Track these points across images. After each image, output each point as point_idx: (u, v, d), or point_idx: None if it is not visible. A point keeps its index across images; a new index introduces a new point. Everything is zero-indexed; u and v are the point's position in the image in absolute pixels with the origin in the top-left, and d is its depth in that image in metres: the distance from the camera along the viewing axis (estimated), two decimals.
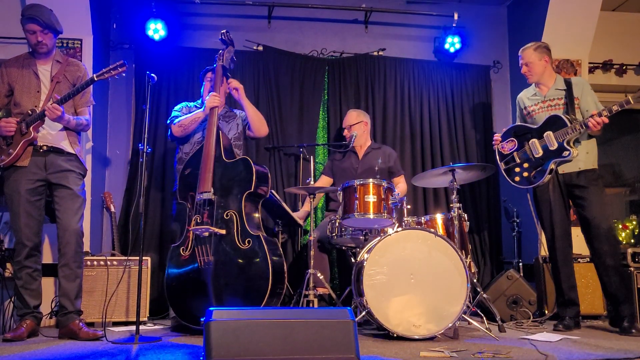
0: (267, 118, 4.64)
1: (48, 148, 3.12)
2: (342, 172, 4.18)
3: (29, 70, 3.19)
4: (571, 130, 3.30)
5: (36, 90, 3.15)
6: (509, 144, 3.60)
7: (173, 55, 4.62)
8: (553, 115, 3.42)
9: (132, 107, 4.62)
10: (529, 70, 3.62)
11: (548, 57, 3.59)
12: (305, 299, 3.38)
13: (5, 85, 3.18)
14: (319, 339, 2.09)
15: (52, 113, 3.00)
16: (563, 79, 3.56)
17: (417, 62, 4.97)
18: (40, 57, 3.22)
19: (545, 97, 3.57)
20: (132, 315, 3.56)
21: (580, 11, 4.57)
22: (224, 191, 3.23)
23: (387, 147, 4.40)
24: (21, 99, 3.14)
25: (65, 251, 3.08)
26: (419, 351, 2.56)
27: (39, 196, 3.11)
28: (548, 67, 3.59)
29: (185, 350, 2.59)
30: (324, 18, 4.95)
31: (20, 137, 3.05)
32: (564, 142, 3.33)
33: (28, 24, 3.11)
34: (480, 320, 3.17)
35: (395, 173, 4.17)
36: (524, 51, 3.65)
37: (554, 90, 3.55)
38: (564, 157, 3.34)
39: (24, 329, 2.98)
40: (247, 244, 3.04)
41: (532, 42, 3.67)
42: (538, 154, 3.44)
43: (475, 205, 4.85)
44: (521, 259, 4.57)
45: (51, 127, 3.15)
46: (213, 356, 1.99)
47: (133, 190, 4.34)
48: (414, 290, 2.95)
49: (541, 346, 2.69)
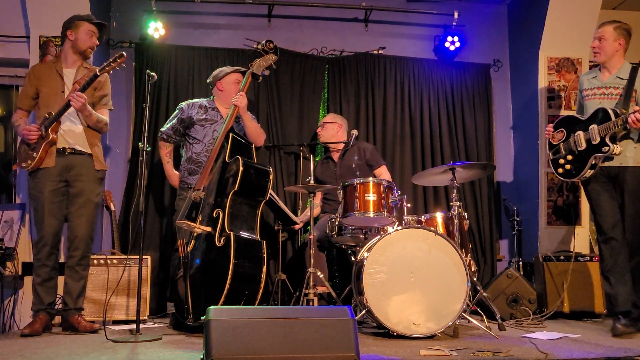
0: (267, 117, 4.67)
1: (70, 151, 3.24)
2: (324, 180, 4.20)
3: (55, 72, 3.32)
4: (613, 125, 3.12)
5: (61, 90, 3.27)
6: (559, 134, 3.43)
7: (173, 54, 4.62)
8: (601, 108, 3.23)
9: (132, 106, 4.62)
10: (600, 47, 3.35)
11: (624, 41, 3.32)
12: (305, 298, 3.38)
13: (32, 88, 3.31)
14: (319, 337, 2.09)
15: (76, 101, 3.10)
16: (631, 67, 3.30)
17: (417, 61, 4.96)
18: (67, 60, 3.34)
19: (603, 84, 3.34)
20: (132, 313, 3.56)
21: (580, 9, 4.56)
22: (218, 190, 3.23)
23: (362, 142, 4.39)
24: (48, 100, 3.26)
25: (73, 254, 3.24)
26: (419, 350, 2.56)
27: (61, 197, 3.23)
28: (620, 51, 3.33)
29: (185, 349, 2.59)
30: (324, 16, 4.94)
31: (41, 140, 3.17)
32: (606, 137, 3.16)
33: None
34: (480, 318, 3.17)
35: (374, 165, 4.16)
36: (603, 25, 3.37)
37: (613, 78, 3.32)
38: (603, 152, 3.16)
39: (39, 324, 3.10)
40: (222, 242, 3.02)
41: (614, 20, 3.40)
42: (581, 147, 3.27)
43: (476, 204, 4.84)
44: (521, 258, 4.58)
45: (70, 127, 3.25)
46: (213, 355, 1.98)
47: (133, 189, 4.34)
48: (414, 288, 2.96)
49: (541, 345, 2.69)
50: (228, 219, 3.08)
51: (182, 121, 3.72)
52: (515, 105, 5.13)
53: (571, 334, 3.09)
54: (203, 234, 3.15)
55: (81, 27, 3.31)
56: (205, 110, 3.72)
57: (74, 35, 3.31)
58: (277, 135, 4.65)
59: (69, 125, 3.25)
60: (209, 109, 3.74)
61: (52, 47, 4.12)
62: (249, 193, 3.20)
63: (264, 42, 3.54)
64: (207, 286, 3.03)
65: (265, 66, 3.52)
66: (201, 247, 3.16)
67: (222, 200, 3.14)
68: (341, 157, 4.23)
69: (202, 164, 3.56)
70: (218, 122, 3.69)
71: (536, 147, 4.66)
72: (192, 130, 3.70)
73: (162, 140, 3.86)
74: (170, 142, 3.85)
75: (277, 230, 4.16)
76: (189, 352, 2.49)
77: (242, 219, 3.17)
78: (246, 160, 3.20)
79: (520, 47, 5.03)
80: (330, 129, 4.28)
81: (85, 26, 3.32)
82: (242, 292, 2.94)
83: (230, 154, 3.28)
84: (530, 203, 4.71)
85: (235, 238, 2.98)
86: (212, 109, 3.75)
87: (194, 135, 3.70)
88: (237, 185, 3.11)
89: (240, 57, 4.55)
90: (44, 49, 4.12)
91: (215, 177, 3.28)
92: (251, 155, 3.45)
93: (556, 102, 4.68)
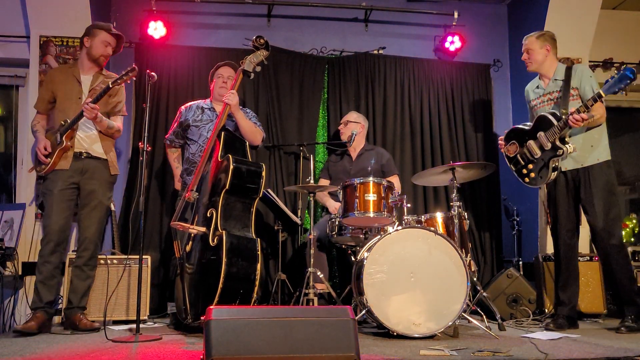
0: (267, 117, 4.66)
1: (85, 155, 3.32)
2: (336, 174, 4.21)
3: (72, 77, 3.38)
4: (558, 129, 3.23)
5: (78, 96, 3.34)
6: (512, 146, 3.53)
7: (173, 54, 4.62)
8: (540, 116, 3.37)
9: (132, 106, 4.61)
10: (529, 58, 3.56)
11: (550, 46, 3.50)
12: (305, 298, 3.38)
13: (49, 92, 3.39)
14: (319, 337, 2.09)
15: (90, 112, 3.17)
16: (565, 67, 3.45)
17: (417, 61, 4.96)
18: (84, 66, 3.41)
19: (545, 90, 3.51)
20: (133, 313, 3.56)
21: (580, 9, 4.56)
22: (212, 190, 3.23)
23: (380, 148, 4.42)
24: (64, 105, 3.33)
25: (82, 255, 3.31)
26: (419, 349, 2.56)
27: (71, 197, 3.30)
28: (549, 57, 3.50)
29: (185, 349, 2.59)
30: (323, 16, 4.94)
31: (56, 146, 3.25)
32: (555, 140, 3.26)
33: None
34: (480, 318, 3.17)
35: (388, 173, 4.16)
36: (527, 38, 3.58)
37: (553, 82, 3.48)
38: (559, 155, 3.27)
39: (34, 322, 3.09)
40: (215, 242, 3.02)
41: (538, 31, 3.60)
42: (537, 154, 3.38)
43: (476, 204, 4.85)
44: (521, 258, 4.58)
45: (86, 132, 3.33)
46: (213, 354, 1.99)
47: (133, 189, 4.33)
48: (414, 288, 2.96)
49: (541, 345, 2.69)
50: (221, 218, 3.08)
51: (181, 124, 3.76)
52: (515, 105, 5.12)
53: (571, 334, 3.09)
54: (199, 235, 3.16)
55: (98, 35, 3.38)
56: (202, 111, 3.74)
57: (89, 42, 3.38)
58: (277, 135, 4.65)
59: (86, 130, 3.34)
60: (206, 110, 3.75)
61: (52, 47, 4.12)
62: (241, 191, 3.17)
63: (255, 38, 3.49)
64: (203, 286, 3.03)
65: (256, 62, 3.45)
66: (197, 248, 3.17)
67: (216, 200, 3.14)
68: (358, 156, 4.23)
69: (197, 164, 3.55)
70: (213, 121, 3.69)
71: None
72: (188, 132, 3.73)
73: (168, 146, 3.93)
74: (175, 146, 3.90)
75: (277, 230, 4.16)
76: (188, 352, 2.49)
77: (235, 218, 3.15)
78: (236, 158, 3.15)
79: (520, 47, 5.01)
80: (353, 128, 4.24)
81: (101, 35, 3.38)
82: (236, 291, 2.93)
83: (222, 153, 3.26)
84: (530, 203, 4.71)
85: (227, 237, 2.96)
86: (209, 109, 3.76)
87: (190, 136, 3.72)
88: (227, 184, 3.09)
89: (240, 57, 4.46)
90: (44, 49, 4.12)
91: (208, 177, 3.29)
92: (245, 153, 3.40)
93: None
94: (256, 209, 4.46)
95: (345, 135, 4.27)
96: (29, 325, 3.05)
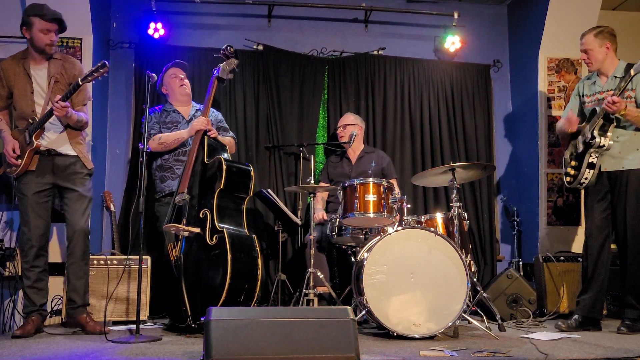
0: (267, 117, 4.67)
1: (54, 152, 3.20)
2: (336, 177, 4.22)
3: (23, 71, 3.19)
4: (597, 117, 3.12)
5: (30, 92, 3.18)
6: (570, 148, 3.44)
7: (173, 55, 4.60)
8: (592, 110, 3.26)
9: (132, 106, 4.62)
10: (588, 58, 3.36)
11: (610, 43, 3.32)
12: (305, 298, 3.38)
13: (5, 88, 3.22)
14: (319, 338, 2.09)
15: (60, 111, 3.04)
16: (626, 64, 3.28)
17: (417, 61, 4.96)
18: (35, 57, 3.20)
19: (602, 88, 3.33)
20: (132, 314, 3.56)
21: (580, 10, 4.56)
22: (202, 192, 3.26)
23: (380, 151, 4.43)
24: (18, 103, 3.20)
25: (74, 250, 3.22)
26: (419, 350, 2.56)
27: (46, 198, 3.20)
28: (610, 54, 3.33)
29: (185, 349, 2.59)
30: (324, 17, 4.94)
31: (25, 146, 3.13)
32: (594, 130, 3.14)
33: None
34: (480, 319, 3.17)
35: (388, 176, 4.16)
36: (584, 37, 3.37)
37: (612, 80, 3.30)
38: (592, 145, 3.16)
39: (31, 325, 3.08)
40: (214, 240, 3.04)
41: (593, 27, 3.42)
42: (580, 149, 3.29)
43: (476, 204, 4.84)
44: (521, 258, 4.57)
45: (52, 130, 3.21)
46: (213, 355, 1.99)
47: (133, 189, 4.33)
48: (414, 289, 2.96)
49: (541, 345, 2.69)
50: (217, 217, 3.11)
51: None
52: (515, 105, 5.13)
53: (571, 334, 3.09)
54: (192, 236, 3.17)
55: (34, 24, 3.09)
56: (167, 114, 3.76)
57: (29, 34, 3.13)
58: (277, 136, 4.65)
59: (51, 127, 3.20)
60: (171, 112, 3.77)
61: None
62: (233, 191, 3.27)
63: (225, 47, 3.62)
64: (204, 286, 3.04)
65: (229, 70, 3.59)
66: (192, 249, 3.17)
67: (208, 201, 3.18)
68: (358, 159, 4.23)
69: (171, 169, 3.64)
70: (181, 122, 3.71)
71: (536, 148, 4.67)
72: None
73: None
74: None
75: (277, 230, 4.16)
76: (188, 353, 2.49)
77: (229, 217, 3.22)
78: (227, 159, 3.30)
79: (520, 48, 5.04)
80: (352, 130, 4.25)
81: (37, 24, 3.09)
82: (241, 287, 2.97)
83: (208, 156, 3.33)
84: (530, 203, 4.72)
85: (229, 234, 3.02)
86: (173, 112, 3.77)
87: None
88: (222, 183, 3.16)
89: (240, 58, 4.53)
90: None
91: (196, 180, 3.32)
92: (227, 155, 3.50)
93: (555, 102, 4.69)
94: (256, 209, 4.53)
95: (344, 139, 4.28)
96: (27, 330, 3.04)
